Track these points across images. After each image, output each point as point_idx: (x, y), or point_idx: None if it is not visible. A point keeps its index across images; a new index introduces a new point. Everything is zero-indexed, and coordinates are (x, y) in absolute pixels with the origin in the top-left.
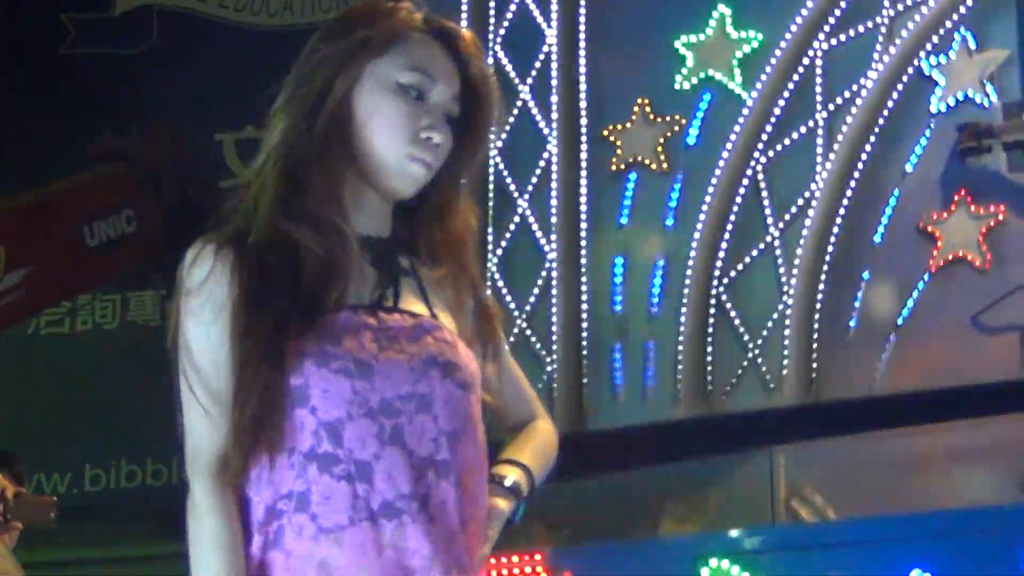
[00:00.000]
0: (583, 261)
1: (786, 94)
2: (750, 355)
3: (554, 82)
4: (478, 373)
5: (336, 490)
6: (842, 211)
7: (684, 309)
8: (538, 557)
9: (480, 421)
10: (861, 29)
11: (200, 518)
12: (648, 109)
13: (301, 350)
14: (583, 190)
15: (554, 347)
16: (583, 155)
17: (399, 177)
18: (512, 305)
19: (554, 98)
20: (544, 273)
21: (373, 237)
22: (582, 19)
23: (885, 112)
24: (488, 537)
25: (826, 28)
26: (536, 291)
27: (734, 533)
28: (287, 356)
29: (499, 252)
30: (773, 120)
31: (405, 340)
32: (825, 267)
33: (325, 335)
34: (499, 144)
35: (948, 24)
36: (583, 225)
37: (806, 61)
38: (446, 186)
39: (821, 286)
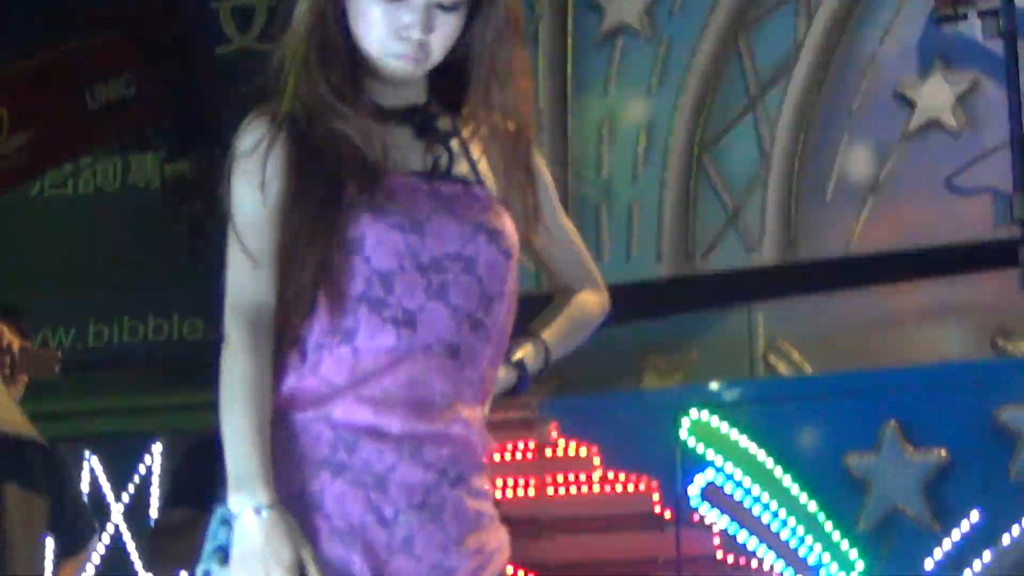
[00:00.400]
0: (569, 125)
1: None
2: (731, 216)
3: None
4: (518, 243)
5: (382, 330)
6: (821, 76)
7: (667, 172)
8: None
9: (515, 288)
10: None
11: (234, 358)
12: None
13: (357, 205)
14: (569, 55)
15: None
16: (569, 21)
17: (390, 72)
18: None
19: None
20: None
21: (407, 107)
22: None
23: None
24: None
25: None
26: None
27: (714, 386)
28: (344, 211)
29: None
30: None
31: (457, 205)
32: (804, 131)
33: (380, 193)
34: None
35: None
36: (569, 90)
37: None
38: (481, 52)
39: (800, 149)
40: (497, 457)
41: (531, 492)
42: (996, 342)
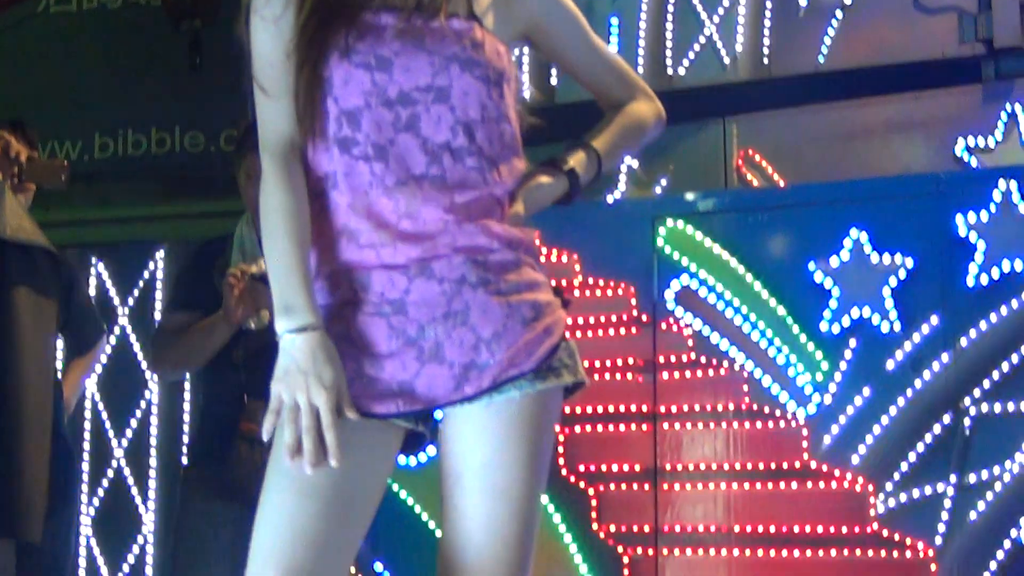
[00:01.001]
0: None
1: None
2: (707, 33)
3: None
4: (508, 70)
5: (355, 168)
6: None
7: None
8: None
9: (509, 113)
10: None
11: (269, 192)
12: None
13: (330, 44)
14: None
15: None
16: None
17: None
18: None
19: None
20: None
21: None
22: None
23: None
24: (516, 204)
25: None
26: None
27: (689, 196)
28: (322, 51)
29: None
30: None
31: (430, 39)
32: None
33: (353, 32)
34: None
35: None
36: None
37: None
38: None
39: None
40: None
41: None
42: (959, 154)
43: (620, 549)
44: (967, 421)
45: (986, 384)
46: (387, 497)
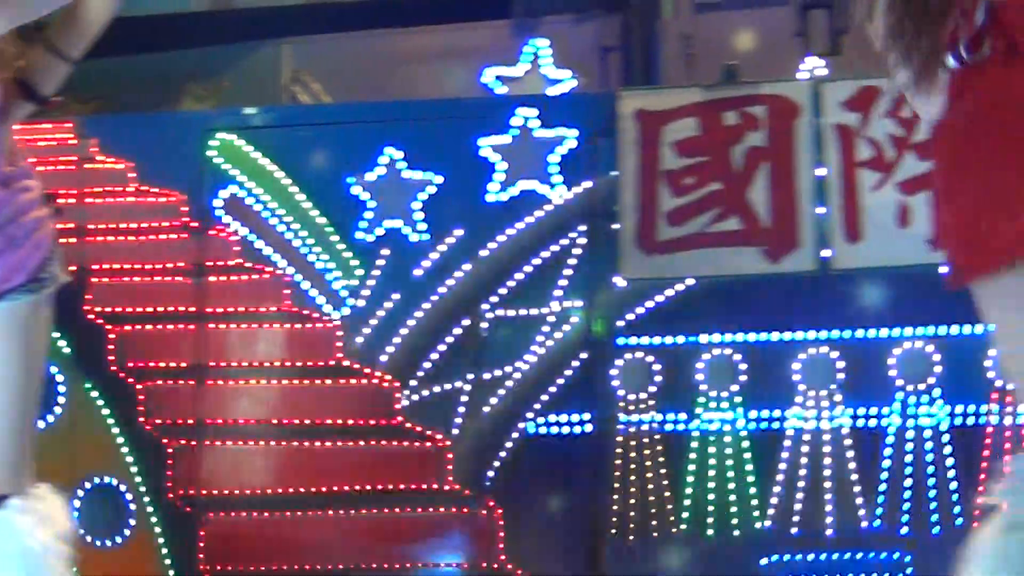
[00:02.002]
0: None
1: None
2: None
3: None
4: None
5: None
6: None
7: None
8: (68, 126)
9: None
10: None
11: None
12: None
13: None
14: None
15: None
16: None
17: None
18: None
19: None
20: None
21: None
22: None
23: None
24: None
25: None
26: None
27: (240, 111)
28: None
29: None
30: None
31: None
32: None
33: None
34: None
35: None
36: None
37: None
38: None
39: None
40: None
41: (72, 202)
42: (488, 82)
43: (165, 440)
44: (484, 324)
45: (502, 291)
46: None
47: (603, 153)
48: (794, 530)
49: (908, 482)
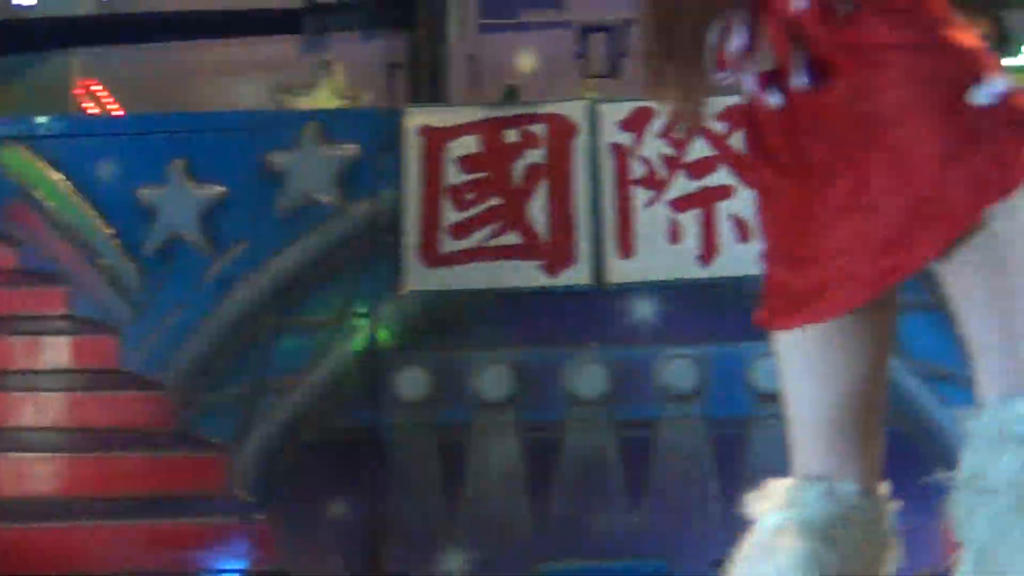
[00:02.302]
0: None
1: None
2: None
3: None
4: None
5: None
6: None
7: None
8: None
9: None
10: None
11: None
12: None
13: None
14: None
15: None
16: None
17: None
18: None
19: None
20: None
21: None
22: None
23: None
24: None
25: None
26: None
27: (30, 120)
28: None
29: None
30: None
31: None
32: None
33: None
34: None
35: None
36: None
37: None
38: None
39: None
40: None
41: None
42: (277, 96)
43: None
44: (268, 334)
45: (287, 302)
46: None
47: (388, 167)
48: (566, 538)
49: (672, 492)
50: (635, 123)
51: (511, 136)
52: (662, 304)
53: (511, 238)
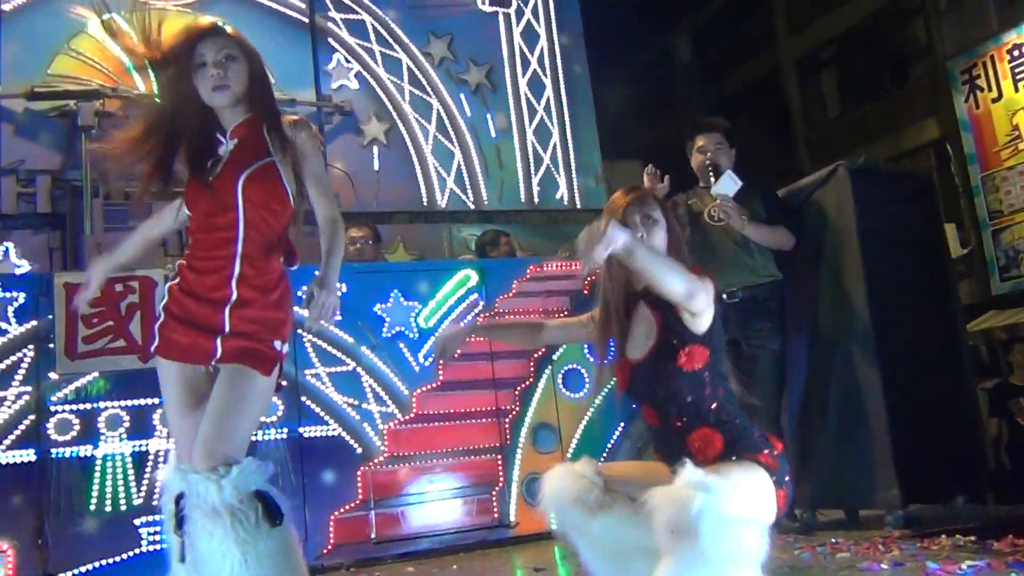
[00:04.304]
0: None
1: None
2: None
3: None
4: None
5: None
6: None
7: None
8: None
9: None
10: None
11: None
12: None
13: None
14: None
15: None
16: None
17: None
18: None
19: None
20: None
21: None
22: None
23: None
24: None
25: None
26: None
27: None
28: None
29: None
30: None
31: None
32: None
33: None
34: None
35: None
36: None
37: None
38: None
39: None
40: None
41: None
42: None
43: None
44: None
45: None
46: None
47: (44, 306)
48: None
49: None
50: None
51: (118, 287)
52: None
53: (120, 343)
